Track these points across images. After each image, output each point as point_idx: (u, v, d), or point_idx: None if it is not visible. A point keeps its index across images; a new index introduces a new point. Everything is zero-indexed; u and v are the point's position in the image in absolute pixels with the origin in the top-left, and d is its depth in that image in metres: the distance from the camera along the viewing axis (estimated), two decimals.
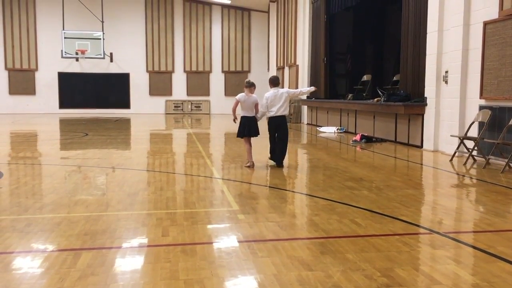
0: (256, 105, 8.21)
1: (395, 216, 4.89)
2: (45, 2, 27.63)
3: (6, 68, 27.62)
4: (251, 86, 8.16)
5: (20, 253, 3.74)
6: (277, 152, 8.28)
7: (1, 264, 3.48)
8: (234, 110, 8.24)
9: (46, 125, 19.18)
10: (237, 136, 8.39)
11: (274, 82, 8.29)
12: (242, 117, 8.18)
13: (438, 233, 4.34)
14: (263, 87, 27.83)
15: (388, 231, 4.35)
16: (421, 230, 4.49)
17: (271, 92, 8.18)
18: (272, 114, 8.18)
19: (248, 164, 8.19)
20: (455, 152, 9.35)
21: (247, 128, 8.16)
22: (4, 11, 27.44)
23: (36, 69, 27.89)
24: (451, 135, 9.69)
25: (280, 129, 8.28)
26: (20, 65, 27.73)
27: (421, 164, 8.96)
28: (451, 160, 9.21)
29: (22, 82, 27.77)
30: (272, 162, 8.32)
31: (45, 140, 13.31)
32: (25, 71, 27.82)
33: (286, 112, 8.22)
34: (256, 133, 8.28)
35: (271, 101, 8.14)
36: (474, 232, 4.48)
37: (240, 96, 8.10)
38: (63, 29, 25.34)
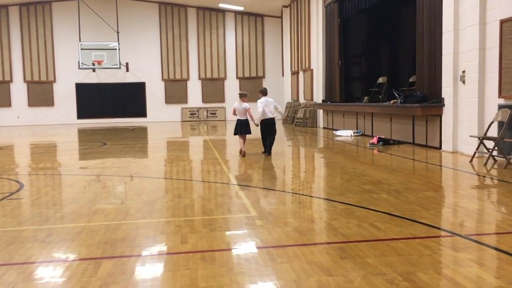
0: (247, 110, 10.43)
1: (415, 219, 4.83)
2: (62, 15, 28.12)
3: (25, 80, 28.14)
4: (242, 96, 10.51)
5: (42, 263, 3.78)
6: (268, 144, 10.54)
7: (23, 274, 3.53)
8: (233, 114, 10.58)
9: (65, 136, 19.45)
10: (234, 134, 10.71)
11: (264, 92, 10.55)
12: (237, 120, 10.54)
13: (460, 235, 4.28)
14: (278, 92, 27.95)
15: (408, 235, 4.30)
16: (443, 233, 4.43)
17: (263, 99, 10.36)
18: (264, 116, 10.37)
19: (242, 154, 10.38)
20: (475, 153, 9.22)
21: (239, 128, 10.47)
22: (22, 25, 28.00)
23: (54, 80, 28.35)
24: (470, 136, 9.55)
25: (270, 128, 10.52)
26: (39, 77, 28.22)
27: (440, 166, 8.85)
28: (471, 161, 9.08)
29: (41, 94, 28.26)
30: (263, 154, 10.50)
31: (64, 150, 13.49)
32: (43, 83, 28.31)
33: (274, 115, 10.55)
34: (247, 132, 10.46)
35: (264, 106, 10.31)
36: (497, 234, 4.40)
37: (235, 104, 10.51)
38: (80, 41, 25.73)
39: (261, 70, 29.64)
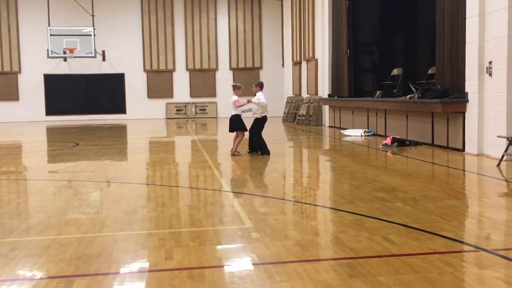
0: (233, 103, 10.78)
1: (435, 231, 4.84)
2: None
3: None
4: (235, 88, 10.96)
5: (5, 282, 3.76)
6: (261, 144, 10.88)
7: None
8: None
9: (32, 135, 19.39)
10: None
11: (263, 86, 11.05)
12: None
13: (485, 250, 4.29)
14: (278, 85, 27.97)
15: (427, 249, 4.31)
16: (466, 248, 4.44)
17: (263, 94, 10.82)
18: (266, 113, 10.87)
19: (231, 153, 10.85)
20: (503, 156, 9.24)
21: (229, 123, 11.00)
22: None
23: (19, 71, 28.27)
24: (497, 136, 9.58)
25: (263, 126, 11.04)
26: (1, 67, 28.14)
27: (464, 170, 8.87)
28: (498, 164, 9.10)
29: (4, 86, 28.16)
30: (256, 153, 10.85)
31: (31, 152, 13.45)
32: (6, 74, 28.22)
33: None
34: (237, 128, 10.84)
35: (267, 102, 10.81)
36: None
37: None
38: (49, 25, 25.67)
39: (258, 60, 29.66)
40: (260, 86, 11.02)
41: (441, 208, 5.83)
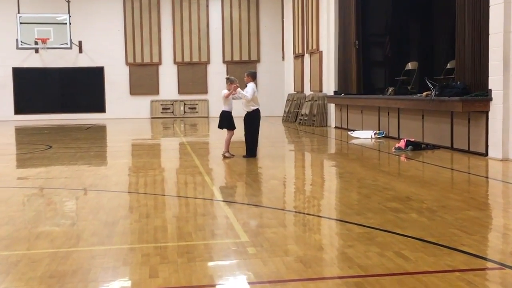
0: (223, 96, 10.98)
1: (455, 246, 4.84)
2: None
3: None
4: (228, 82, 11.08)
5: None
6: (251, 145, 11.08)
7: None
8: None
9: None
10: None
11: (255, 76, 11.36)
12: None
13: (511, 267, 4.29)
14: (277, 80, 28.01)
15: (445, 267, 4.31)
16: (489, 265, 4.45)
17: (254, 85, 10.91)
18: (258, 106, 10.99)
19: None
20: None
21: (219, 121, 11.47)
22: None
23: None
24: None
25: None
26: None
27: (487, 178, 8.89)
28: None
29: None
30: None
31: None
32: None
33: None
34: (224, 125, 11.24)
35: (256, 94, 10.92)
36: None
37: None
38: (18, 12, 25.62)
39: (255, 52, 29.65)
40: (252, 76, 11.13)
41: (461, 220, 5.83)
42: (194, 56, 29.47)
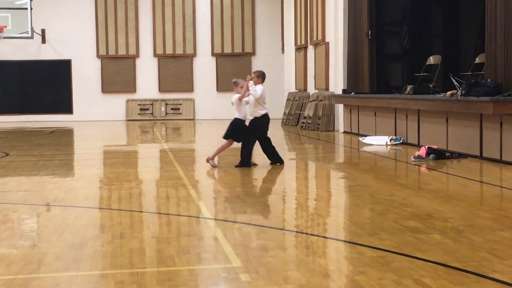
0: (236, 102, 11.04)
1: (484, 273, 4.83)
2: None
3: None
4: (235, 85, 11.20)
5: None
6: (274, 152, 11.37)
7: None
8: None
9: None
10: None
11: (265, 77, 11.30)
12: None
13: None
14: (276, 76, 28.08)
15: None
16: None
17: (262, 87, 11.02)
18: (266, 111, 11.15)
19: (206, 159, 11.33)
20: None
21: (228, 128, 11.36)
22: None
23: None
24: None
25: (267, 129, 11.38)
26: None
27: None
28: None
29: None
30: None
31: None
32: None
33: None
34: (231, 136, 11.19)
35: (264, 97, 11.06)
36: None
37: None
38: None
39: (249, 43, 29.67)
40: (262, 77, 11.20)
41: (492, 242, 5.83)
42: (177, 48, 29.46)
